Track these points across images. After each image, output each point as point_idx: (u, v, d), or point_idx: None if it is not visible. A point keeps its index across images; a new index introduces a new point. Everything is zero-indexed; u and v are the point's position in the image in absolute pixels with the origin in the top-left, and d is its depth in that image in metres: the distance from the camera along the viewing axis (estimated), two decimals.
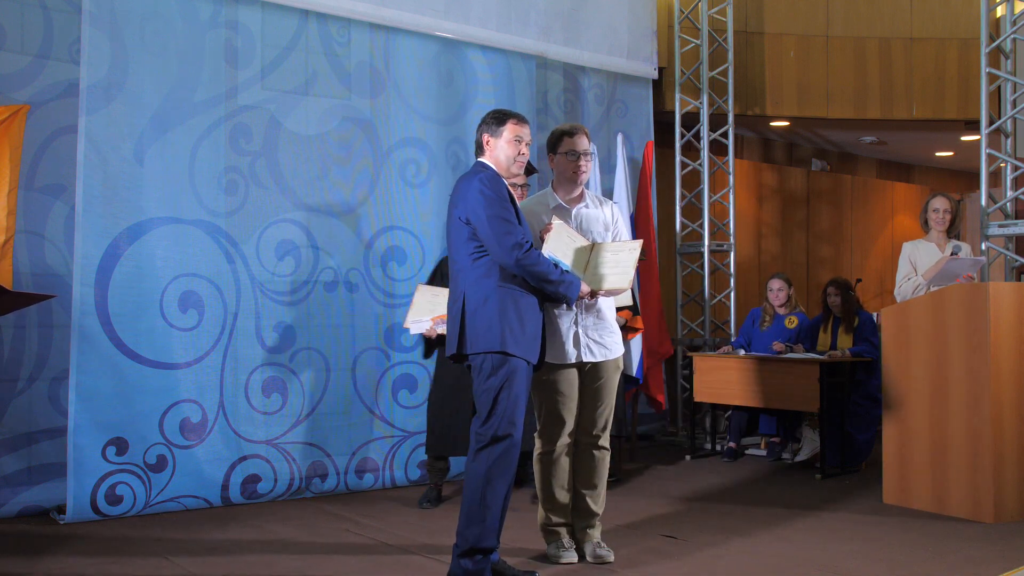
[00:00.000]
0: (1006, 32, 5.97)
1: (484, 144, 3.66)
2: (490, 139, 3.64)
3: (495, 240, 3.45)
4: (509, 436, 3.43)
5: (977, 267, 5.22)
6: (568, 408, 3.83)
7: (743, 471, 6.06)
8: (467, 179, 3.59)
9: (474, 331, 3.46)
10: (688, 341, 7.52)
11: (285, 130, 5.23)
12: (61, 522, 4.45)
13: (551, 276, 3.51)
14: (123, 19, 4.72)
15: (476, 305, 3.46)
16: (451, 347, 3.54)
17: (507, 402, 3.42)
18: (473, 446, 3.46)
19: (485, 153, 3.66)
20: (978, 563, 3.84)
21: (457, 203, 3.56)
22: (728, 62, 7.36)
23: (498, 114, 3.68)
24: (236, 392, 4.97)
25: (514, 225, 3.49)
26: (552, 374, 3.79)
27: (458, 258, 3.55)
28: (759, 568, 3.79)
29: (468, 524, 3.41)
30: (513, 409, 3.44)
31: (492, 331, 3.43)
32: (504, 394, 3.42)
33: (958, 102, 7.72)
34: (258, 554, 3.98)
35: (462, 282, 3.52)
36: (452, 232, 3.58)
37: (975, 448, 4.56)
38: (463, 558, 3.41)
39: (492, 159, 3.64)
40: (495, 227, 3.45)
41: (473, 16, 6.04)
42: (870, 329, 6.09)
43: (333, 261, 5.36)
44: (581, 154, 3.89)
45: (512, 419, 3.43)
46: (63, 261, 4.71)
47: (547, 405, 3.83)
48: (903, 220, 10.51)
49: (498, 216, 3.46)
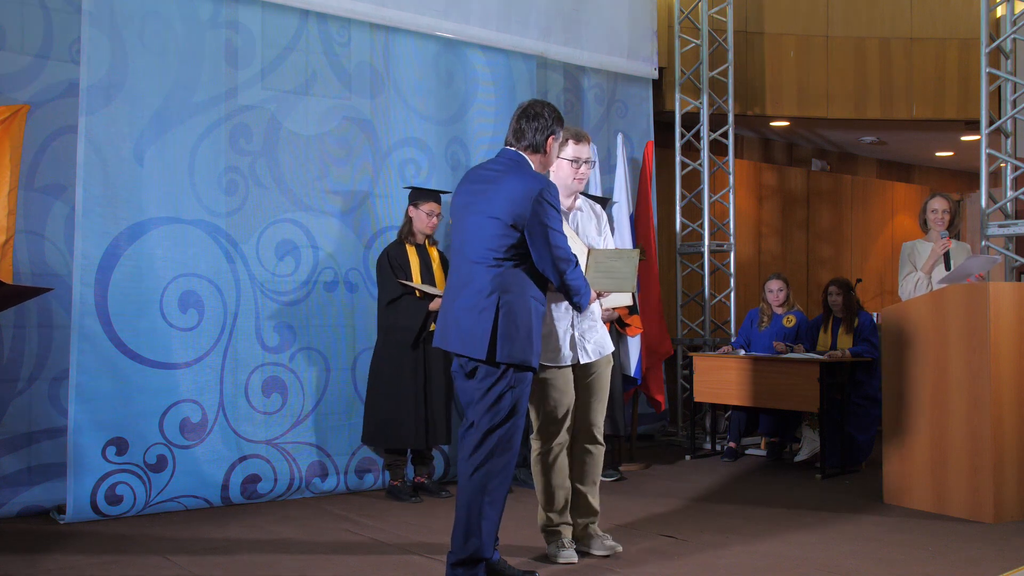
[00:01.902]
0: (1006, 32, 5.97)
1: (547, 147, 3.54)
2: (554, 144, 3.56)
3: (550, 253, 3.38)
4: (514, 447, 3.41)
5: (992, 265, 5.23)
6: (565, 407, 3.83)
7: (743, 471, 6.06)
8: (520, 178, 3.41)
9: (511, 341, 3.33)
10: (688, 341, 7.52)
11: (285, 130, 5.23)
12: (61, 522, 4.45)
13: (582, 291, 3.51)
14: (123, 19, 4.72)
15: (517, 314, 3.35)
16: (474, 350, 3.35)
17: (520, 413, 3.41)
18: (475, 456, 3.35)
19: (542, 155, 3.53)
20: (978, 563, 3.84)
21: (496, 201, 3.38)
22: (728, 62, 7.36)
23: (559, 115, 3.59)
24: (236, 392, 4.97)
25: (566, 239, 3.48)
26: (549, 374, 3.78)
27: (478, 254, 3.39)
28: (759, 568, 3.79)
29: (467, 537, 3.33)
30: (523, 420, 3.44)
31: (529, 344, 3.38)
32: (522, 405, 3.41)
33: (958, 102, 7.72)
34: (258, 554, 3.98)
35: (487, 282, 3.35)
36: (473, 226, 3.42)
37: (975, 448, 4.56)
38: (459, 567, 3.35)
39: (543, 163, 3.55)
40: (555, 240, 3.39)
41: (473, 16, 6.03)
42: (870, 329, 6.09)
43: (333, 261, 5.36)
44: (584, 162, 3.87)
45: (520, 429, 3.43)
46: (63, 261, 4.71)
47: (544, 406, 3.81)
48: (903, 220, 10.51)
49: (559, 231, 3.41)
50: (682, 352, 7.38)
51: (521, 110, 3.56)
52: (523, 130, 3.51)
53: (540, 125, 3.50)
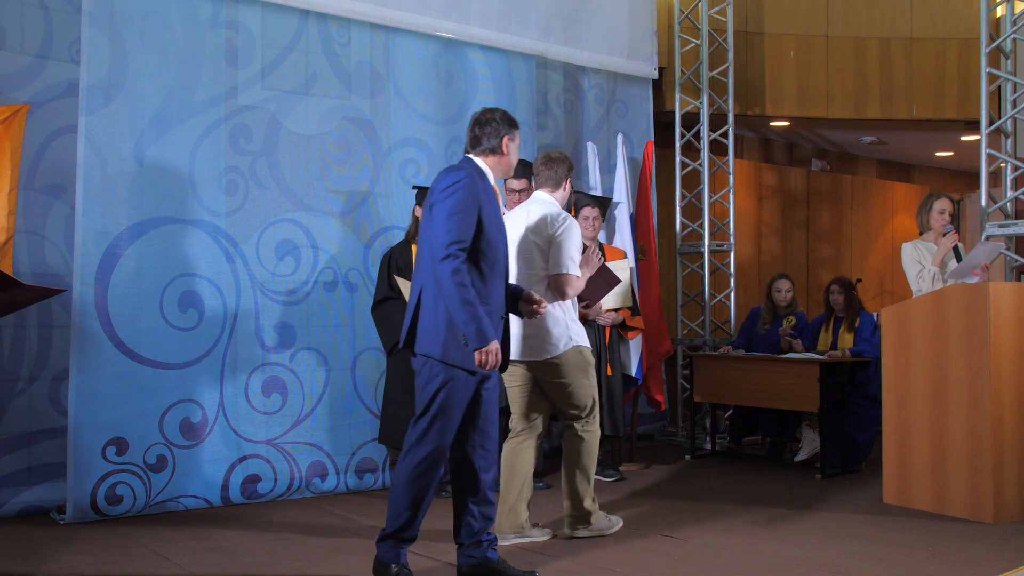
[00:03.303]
0: (1006, 32, 5.97)
1: (503, 148, 3.61)
2: (509, 144, 3.62)
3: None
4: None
5: (997, 252, 5.24)
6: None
7: (743, 471, 6.07)
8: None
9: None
10: (688, 341, 7.52)
11: (285, 130, 5.23)
12: (61, 522, 4.45)
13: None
14: (123, 19, 4.72)
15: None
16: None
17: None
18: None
19: (500, 156, 3.60)
20: (978, 563, 3.84)
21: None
22: (728, 62, 7.36)
23: (512, 118, 3.66)
24: (236, 392, 4.97)
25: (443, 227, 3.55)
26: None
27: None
28: (759, 568, 3.79)
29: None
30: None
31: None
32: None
33: (958, 102, 7.73)
34: (258, 554, 3.98)
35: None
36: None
37: (975, 448, 4.56)
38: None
39: (500, 164, 3.62)
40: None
41: (473, 16, 6.04)
42: (870, 329, 6.09)
43: (333, 261, 5.36)
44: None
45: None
46: (63, 261, 4.72)
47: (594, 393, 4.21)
48: (903, 220, 10.51)
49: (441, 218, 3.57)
50: (682, 352, 7.38)
51: (474, 119, 3.65)
52: (478, 136, 3.61)
53: (492, 130, 3.59)
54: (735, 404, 6.37)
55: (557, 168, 4.26)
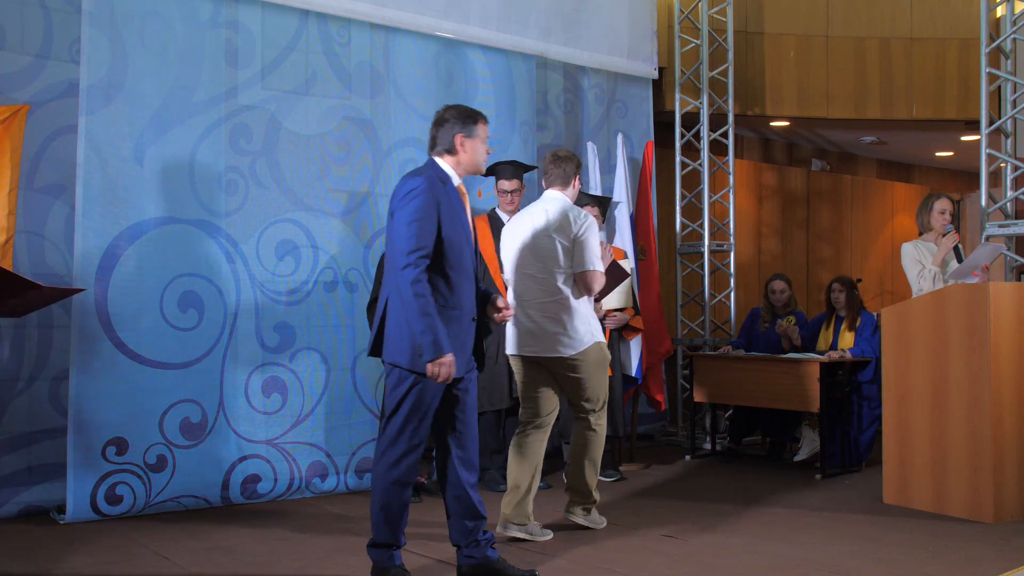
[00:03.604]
0: (1006, 32, 5.97)
1: (456, 147, 3.53)
2: (464, 140, 3.54)
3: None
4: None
5: (998, 253, 5.25)
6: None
7: (743, 471, 6.06)
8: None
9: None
10: (688, 341, 7.52)
11: (285, 130, 5.23)
12: (61, 522, 4.45)
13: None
14: (123, 19, 4.72)
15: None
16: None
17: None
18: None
19: (457, 155, 3.54)
20: (978, 563, 3.84)
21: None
22: (728, 62, 7.35)
23: (470, 112, 3.58)
24: (236, 392, 4.97)
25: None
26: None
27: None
28: (759, 568, 3.79)
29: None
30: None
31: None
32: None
33: (958, 102, 7.72)
34: (258, 554, 3.98)
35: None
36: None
37: (975, 448, 4.56)
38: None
39: (459, 163, 3.56)
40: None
41: (473, 16, 6.03)
42: (870, 329, 6.09)
43: (333, 261, 5.36)
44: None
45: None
46: (63, 261, 4.71)
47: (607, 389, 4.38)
48: (903, 220, 10.51)
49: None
50: (682, 352, 7.38)
51: (432, 121, 3.62)
52: (434, 137, 3.59)
53: (445, 129, 3.56)
54: (735, 404, 6.36)
55: (566, 166, 4.31)
